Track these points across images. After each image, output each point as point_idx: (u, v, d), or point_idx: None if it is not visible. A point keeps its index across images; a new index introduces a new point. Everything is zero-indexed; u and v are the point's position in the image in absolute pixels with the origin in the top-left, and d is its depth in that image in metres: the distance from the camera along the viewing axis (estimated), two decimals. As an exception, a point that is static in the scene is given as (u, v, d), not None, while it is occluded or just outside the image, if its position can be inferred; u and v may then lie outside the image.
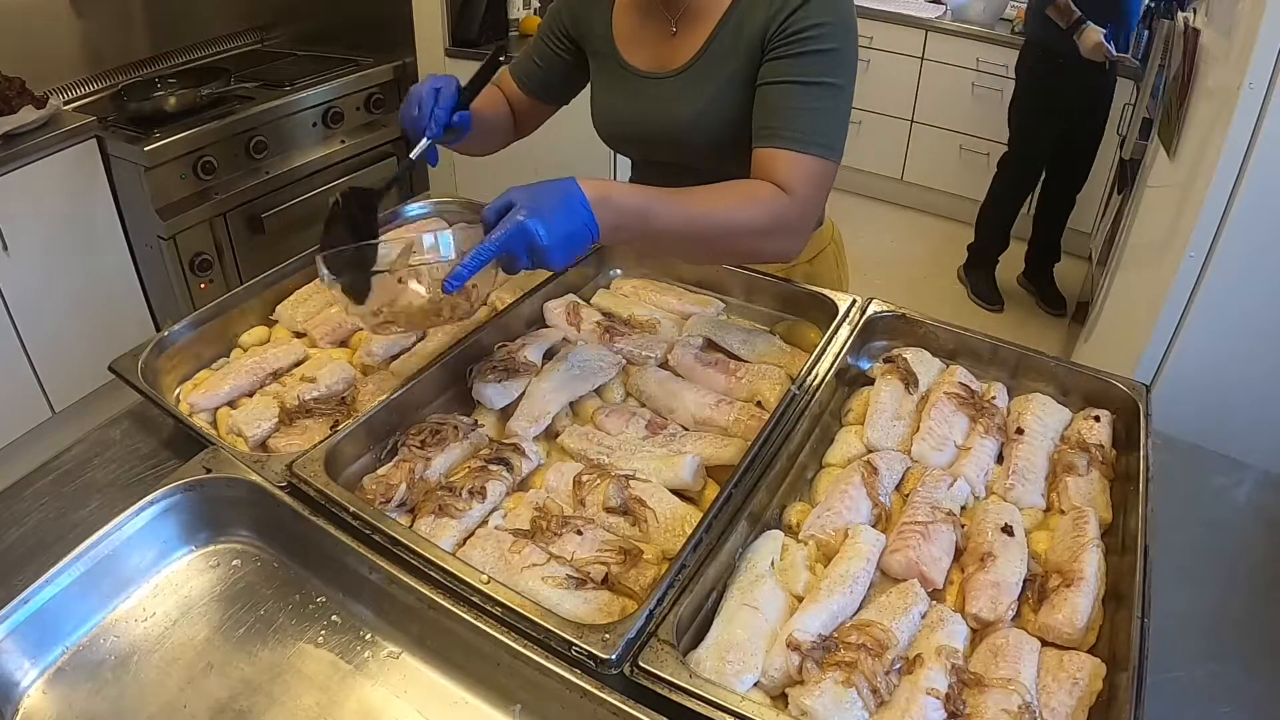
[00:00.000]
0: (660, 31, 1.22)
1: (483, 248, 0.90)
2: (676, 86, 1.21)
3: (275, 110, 2.71)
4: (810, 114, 1.08)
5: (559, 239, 0.91)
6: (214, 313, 1.25)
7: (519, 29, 3.17)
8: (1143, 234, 2.25)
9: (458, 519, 0.93)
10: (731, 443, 1.04)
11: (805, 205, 1.08)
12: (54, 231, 2.39)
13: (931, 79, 3.90)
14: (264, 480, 0.94)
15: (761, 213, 1.04)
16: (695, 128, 1.20)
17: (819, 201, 1.13)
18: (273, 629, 0.89)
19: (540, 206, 0.91)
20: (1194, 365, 1.69)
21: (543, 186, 0.94)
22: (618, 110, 1.29)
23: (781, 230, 1.07)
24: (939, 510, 0.93)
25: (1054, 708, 0.76)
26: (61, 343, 2.46)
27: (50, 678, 0.83)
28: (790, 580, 0.88)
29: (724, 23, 1.16)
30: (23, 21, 2.58)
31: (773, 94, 1.10)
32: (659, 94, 1.23)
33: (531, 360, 1.16)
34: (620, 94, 1.28)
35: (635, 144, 1.33)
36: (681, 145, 1.24)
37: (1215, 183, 1.55)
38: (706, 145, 1.21)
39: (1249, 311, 1.62)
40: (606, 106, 1.31)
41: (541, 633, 0.78)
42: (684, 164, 1.26)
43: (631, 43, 1.25)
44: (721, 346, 1.23)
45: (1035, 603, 0.86)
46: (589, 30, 1.29)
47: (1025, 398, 1.12)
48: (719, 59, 1.17)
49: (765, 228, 1.05)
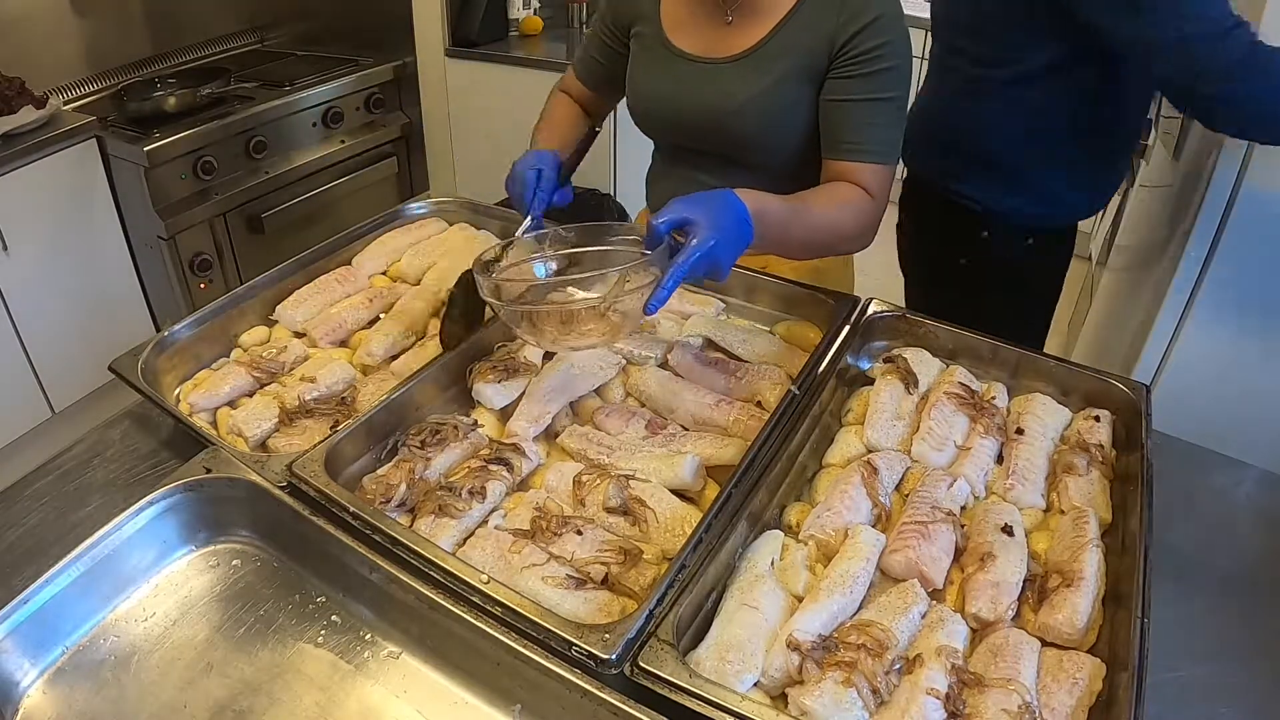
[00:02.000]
0: (713, 20, 1.26)
1: (678, 271, 0.91)
2: (729, 73, 1.25)
3: (275, 110, 2.71)
4: (883, 128, 1.18)
5: (734, 257, 0.97)
6: (214, 313, 1.25)
7: (519, 29, 3.17)
8: (1142, 234, 2.25)
9: (458, 519, 0.93)
10: (731, 443, 1.04)
11: (881, 208, 1.19)
12: (54, 231, 2.39)
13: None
14: (264, 480, 0.94)
15: (857, 219, 1.16)
16: (742, 115, 1.24)
17: (888, 203, 1.22)
18: (273, 629, 0.89)
19: (723, 229, 0.94)
20: (1194, 365, 1.69)
21: (714, 203, 0.96)
22: (657, 92, 1.32)
23: (868, 231, 1.19)
24: (939, 510, 0.93)
25: (1054, 708, 0.76)
26: (61, 343, 2.46)
27: (50, 678, 0.83)
28: (790, 580, 0.88)
29: (787, 21, 1.21)
30: (23, 21, 2.58)
31: (852, 111, 1.18)
32: (708, 79, 1.26)
33: (531, 360, 1.16)
34: (663, 76, 1.31)
35: (672, 127, 1.35)
36: (723, 131, 1.27)
37: (1215, 183, 1.55)
38: (747, 134, 1.25)
39: (1249, 311, 1.61)
40: (646, 87, 1.34)
41: (541, 633, 0.78)
42: (717, 151, 1.31)
43: (681, 27, 1.29)
44: (721, 346, 1.23)
45: (1035, 603, 0.85)
46: (635, 13, 1.33)
47: (1025, 398, 1.12)
48: (778, 54, 1.21)
49: (859, 232, 1.17)
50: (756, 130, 1.24)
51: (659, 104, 1.33)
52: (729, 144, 1.28)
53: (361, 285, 1.37)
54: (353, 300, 1.32)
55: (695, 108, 1.28)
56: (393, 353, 1.22)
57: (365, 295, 1.33)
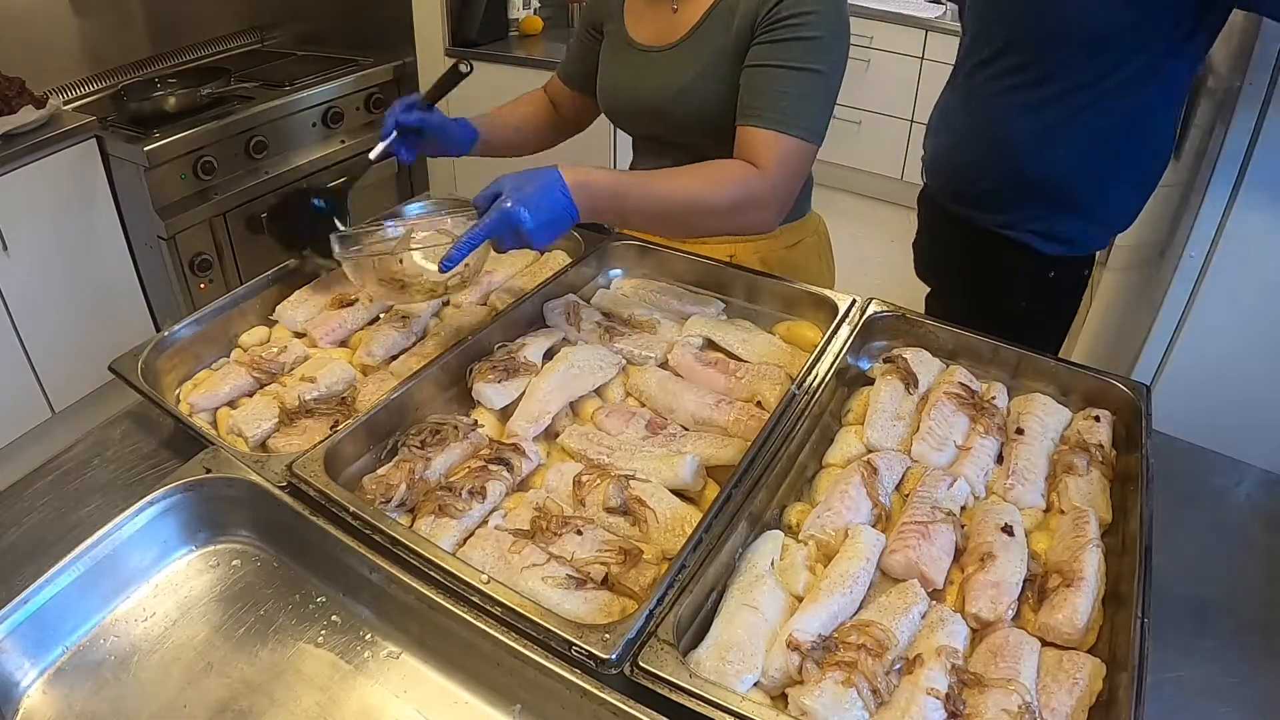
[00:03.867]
0: (662, 8, 1.28)
1: (474, 233, 1.02)
2: (668, 59, 1.26)
3: (275, 110, 2.71)
4: (791, 97, 1.14)
5: (542, 222, 1.03)
6: (214, 313, 1.25)
7: (519, 29, 3.17)
8: (1142, 234, 2.25)
9: (458, 519, 0.93)
10: (731, 443, 1.04)
11: (776, 181, 1.14)
12: (54, 231, 2.39)
13: (932, 79, 3.90)
14: (264, 480, 0.94)
15: (728, 191, 1.12)
16: (678, 100, 1.25)
17: (792, 180, 1.17)
18: (273, 629, 0.89)
19: (525, 193, 1.03)
20: (1194, 365, 1.69)
21: (527, 174, 1.04)
22: (615, 82, 1.35)
23: (751, 206, 1.15)
24: (939, 510, 0.93)
25: (1054, 708, 0.76)
26: (61, 343, 2.46)
27: (50, 678, 0.83)
28: (790, 580, 0.88)
29: (719, 3, 1.21)
30: (23, 21, 2.58)
31: (757, 76, 1.16)
32: (653, 66, 1.28)
33: (531, 360, 1.16)
34: (621, 67, 1.34)
35: (628, 116, 1.38)
36: (666, 117, 1.29)
37: (1215, 183, 1.55)
38: (688, 118, 1.26)
39: (1249, 311, 1.61)
40: (607, 79, 1.37)
41: (541, 633, 0.78)
42: (670, 139, 1.32)
43: (638, 19, 1.31)
44: (721, 346, 1.23)
45: (1035, 603, 0.85)
46: (605, 12, 1.36)
47: (1025, 398, 1.12)
48: (710, 35, 1.22)
49: (732, 206, 1.13)
50: (690, 114, 1.25)
51: (616, 94, 1.36)
52: (674, 129, 1.30)
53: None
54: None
55: (644, 95, 1.30)
56: (393, 353, 1.22)
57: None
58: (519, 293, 1.32)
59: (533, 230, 1.03)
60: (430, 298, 1.18)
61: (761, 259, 1.36)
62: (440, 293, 1.17)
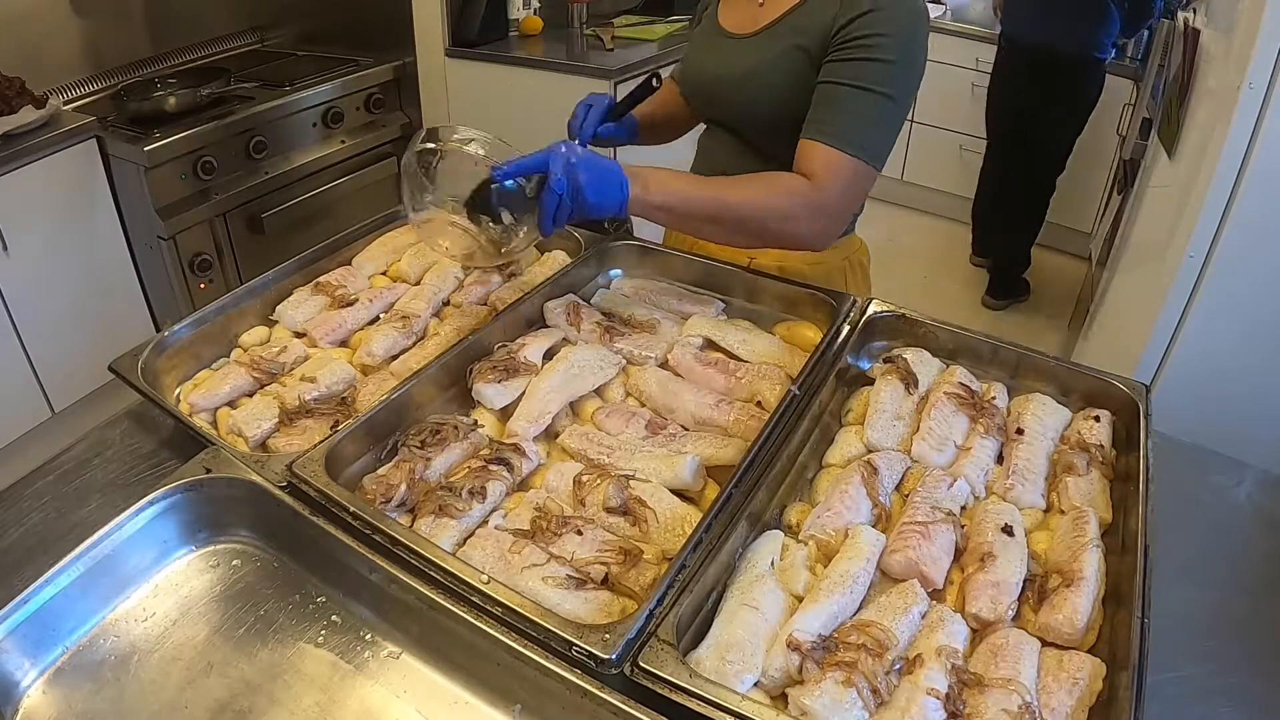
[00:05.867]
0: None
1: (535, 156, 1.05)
2: (744, 45, 1.29)
3: (275, 110, 2.71)
4: (855, 117, 1.14)
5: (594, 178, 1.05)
6: (214, 313, 1.25)
7: (519, 29, 3.17)
8: (1143, 234, 2.25)
9: (458, 519, 0.93)
10: (731, 443, 1.04)
11: (829, 196, 1.14)
12: (54, 231, 2.39)
13: (931, 79, 3.87)
14: (264, 480, 0.94)
15: (782, 200, 1.13)
16: (741, 84, 1.28)
17: (845, 197, 1.17)
18: (273, 629, 0.89)
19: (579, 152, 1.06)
20: (1194, 365, 1.69)
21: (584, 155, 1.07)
22: (695, 63, 1.40)
23: (803, 217, 1.14)
24: (939, 510, 0.93)
25: (1054, 708, 0.76)
26: (61, 343, 2.46)
27: (50, 678, 0.83)
28: (790, 580, 0.88)
29: (802, 3, 1.23)
30: (23, 21, 2.58)
31: (825, 92, 1.17)
32: (729, 50, 1.31)
33: (531, 360, 1.16)
34: (703, 48, 1.38)
35: (698, 97, 1.42)
36: (728, 98, 1.32)
37: (1215, 183, 1.55)
38: (747, 104, 1.29)
39: (1249, 311, 1.62)
40: (690, 58, 1.42)
41: (541, 633, 0.78)
42: (731, 125, 1.35)
43: (729, 7, 1.36)
44: (721, 346, 1.23)
45: (1035, 603, 0.85)
46: (707, 2, 1.43)
47: (1025, 398, 1.12)
48: (785, 31, 1.24)
49: (784, 214, 1.13)
50: (753, 102, 1.27)
51: (692, 75, 1.40)
52: (737, 116, 1.33)
53: (361, 285, 1.37)
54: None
55: (714, 75, 1.33)
56: (393, 353, 1.22)
57: (366, 295, 1.33)
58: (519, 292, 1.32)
59: (586, 184, 1.04)
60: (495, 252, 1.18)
61: (780, 269, 1.36)
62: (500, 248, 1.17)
